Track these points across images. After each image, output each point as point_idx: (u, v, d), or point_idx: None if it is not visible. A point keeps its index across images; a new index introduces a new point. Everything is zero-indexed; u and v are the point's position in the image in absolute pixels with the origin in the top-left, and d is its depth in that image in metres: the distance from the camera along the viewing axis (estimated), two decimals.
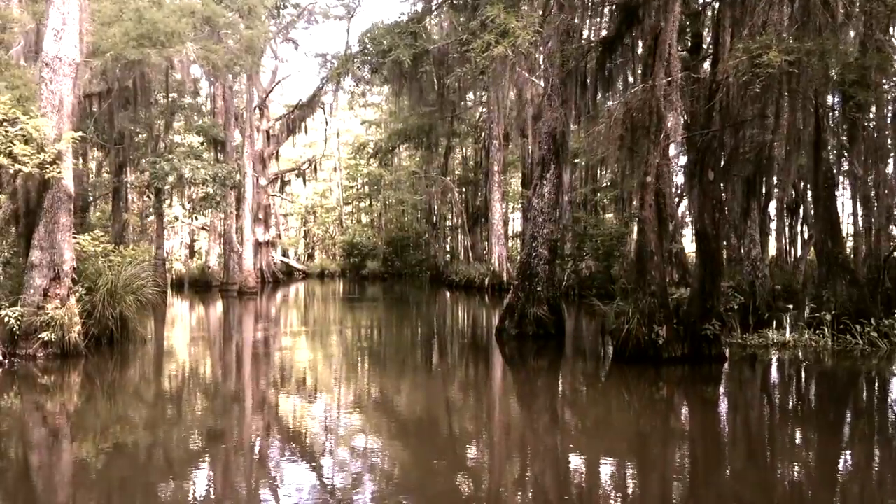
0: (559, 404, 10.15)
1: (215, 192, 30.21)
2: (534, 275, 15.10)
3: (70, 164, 11.63)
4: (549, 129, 15.35)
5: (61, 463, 7.12)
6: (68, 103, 11.47)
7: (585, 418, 9.27)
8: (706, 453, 7.56)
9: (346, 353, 14.58)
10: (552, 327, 14.92)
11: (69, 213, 11.55)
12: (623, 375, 11.38)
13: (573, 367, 12.81)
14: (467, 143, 54.34)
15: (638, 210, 11.46)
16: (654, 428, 8.81)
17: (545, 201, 15.32)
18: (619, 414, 9.51)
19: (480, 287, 34.99)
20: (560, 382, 11.63)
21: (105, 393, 10.24)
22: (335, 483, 6.36)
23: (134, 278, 13.58)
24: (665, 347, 11.32)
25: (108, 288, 12.83)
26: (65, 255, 11.48)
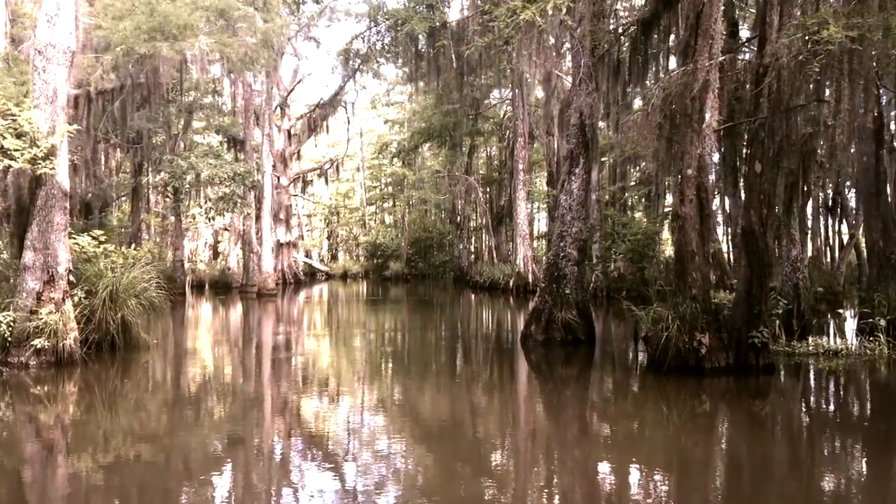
0: (590, 417, 9.18)
1: (234, 192, 29.60)
2: (562, 276, 14.13)
3: (65, 159, 10.90)
4: (578, 120, 14.36)
5: (55, 478, 6.52)
6: (63, 94, 10.74)
7: (618, 433, 8.31)
8: (755, 478, 6.56)
9: (362, 362, 13.71)
10: (581, 333, 13.93)
11: (64, 211, 10.82)
12: (661, 387, 10.38)
13: (605, 377, 11.82)
14: (491, 142, 53.41)
15: (677, 206, 10.45)
16: (695, 446, 7.86)
17: (573, 198, 14.34)
18: (656, 430, 8.53)
19: (505, 288, 34.04)
20: (591, 393, 10.66)
21: (99, 405, 9.47)
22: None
23: (137, 280, 12.83)
24: (708, 357, 10.30)
25: (108, 291, 12.09)
26: (59, 256, 10.75)
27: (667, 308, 10.57)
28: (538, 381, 11.78)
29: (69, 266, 10.97)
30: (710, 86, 9.10)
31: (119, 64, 19.65)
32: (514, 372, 12.62)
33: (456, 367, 12.98)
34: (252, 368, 12.71)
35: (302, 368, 12.69)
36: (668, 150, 10.31)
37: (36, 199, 10.58)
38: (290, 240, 44.40)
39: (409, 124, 56.38)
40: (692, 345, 10.21)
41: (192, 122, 31.46)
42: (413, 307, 28.00)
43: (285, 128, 44.49)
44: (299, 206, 61.25)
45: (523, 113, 35.33)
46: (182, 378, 11.62)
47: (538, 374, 12.35)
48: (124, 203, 37.17)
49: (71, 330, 10.88)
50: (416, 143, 48.11)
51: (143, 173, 31.60)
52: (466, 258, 49.46)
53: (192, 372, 12.31)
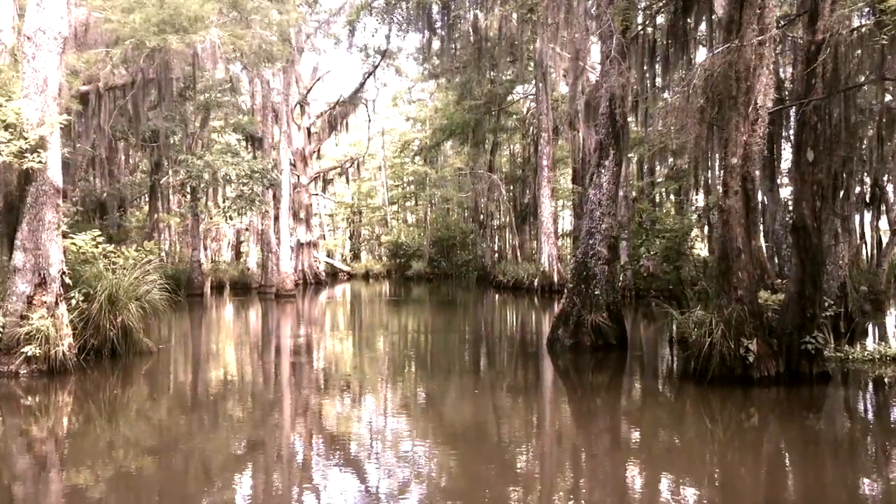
0: (624, 430, 8.25)
1: (252, 190, 28.96)
2: (591, 276, 13.17)
3: (57, 152, 10.18)
4: (608, 109, 13.39)
5: (48, 495, 5.92)
6: (54, 83, 10.01)
7: (656, 449, 7.39)
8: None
9: (379, 369, 12.86)
10: (613, 337, 12.95)
11: (56, 208, 10.10)
12: (703, 398, 9.40)
13: (640, 385, 10.86)
14: (515, 139, 52.44)
15: (721, 198, 9.46)
16: (742, 464, 6.98)
17: (603, 192, 13.37)
18: (698, 445, 7.61)
19: (529, 288, 33.11)
20: (625, 403, 9.71)
21: (91, 417, 8.73)
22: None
23: (139, 282, 12.10)
24: (756, 365, 9.30)
25: (107, 293, 11.37)
26: (51, 257, 10.03)
27: (709, 311, 9.58)
28: (567, 389, 10.85)
29: (62, 267, 10.26)
30: (763, 60, 8.10)
31: (129, 58, 19.03)
32: (540, 379, 11.70)
33: (480, 372, 12.09)
34: (259, 376, 11.91)
35: (313, 376, 11.88)
36: (709, 137, 9.30)
37: (26, 195, 9.87)
38: (310, 239, 43.78)
39: (430, 122, 55.58)
40: (738, 352, 9.22)
41: (209, 121, 30.82)
42: (435, 308, 27.15)
43: (305, 126, 43.89)
44: (321, 206, 60.69)
45: (547, 107, 34.35)
46: (183, 387, 10.87)
47: (566, 381, 11.42)
48: (144, 203, 36.82)
49: (65, 336, 10.16)
50: (437, 140, 47.26)
51: (160, 172, 31.10)
52: (489, 257, 48.51)
53: (195, 380, 11.55)
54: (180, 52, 18.95)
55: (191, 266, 30.93)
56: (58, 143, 10.13)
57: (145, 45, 18.74)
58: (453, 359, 13.80)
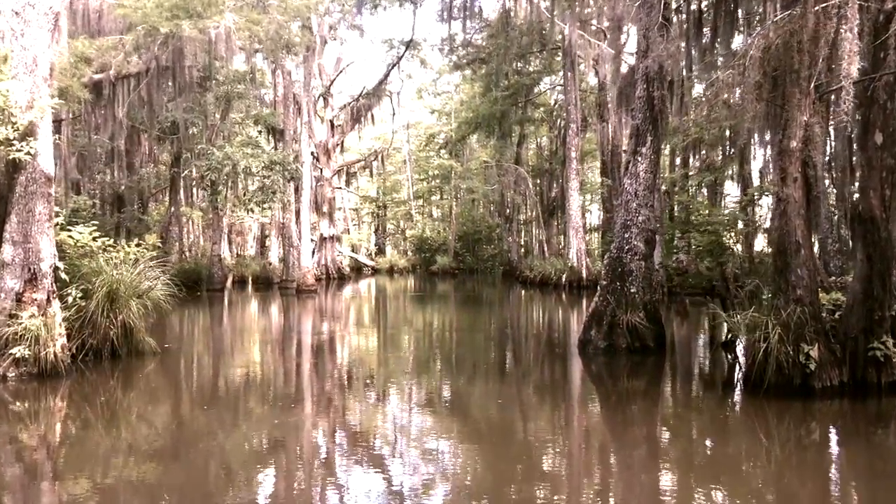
0: (665, 443, 7.28)
1: (273, 183, 28.27)
2: (626, 273, 12.17)
3: (49, 140, 9.41)
4: (645, 92, 12.36)
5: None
6: (45, 63, 9.25)
7: (702, 465, 6.47)
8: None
9: (400, 372, 11.98)
10: (650, 339, 11.94)
11: (48, 199, 9.34)
12: (757, 410, 8.39)
13: (682, 394, 9.86)
14: (541, 132, 51.34)
15: (778, 187, 8.42)
16: (803, 486, 6.08)
17: (640, 182, 12.35)
18: (750, 463, 6.65)
19: (557, 284, 32.06)
20: (665, 413, 8.72)
21: (82, 425, 7.97)
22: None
23: (141, 278, 11.35)
24: (817, 374, 8.26)
25: (106, 290, 10.63)
26: (42, 251, 9.29)
27: (763, 312, 8.55)
28: (600, 396, 9.87)
29: (55, 262, 9.51)
30: (847, 22, 7.00)
31: (140, 44, 18.34)
32: (571, 383, 10.74)
33: (506, 376, 11.16)
34: (267, 379, 11.09)
35: (327, 379, 11.04)
36: (767, 117, 8.25)
37: (14, 185, 9.13)
38: (333, 234, 43.10)
39: (456, 115, 54.64)
40: (798, 358, 8.19)
41: (229, 112, 30.16)
42: (460, 304, 26.26)
43: (328, 118, 43.17)
44: (345, 200, 60.03)
45: (575, 97, 33.24)
46: (184, 391, 10.08)
47: (600, 387, 10.44)
48: (166, 197, 36.37)
49: (58, 336, 9.42)
50: (463, 133, 46.26)
51: (180, 165, 30.53)
52: (516, 252, 47.50)
53: (197, 383, 10.77)
54: (194, 39, 18.21)
55: (211, 261, 30.37)
56: (49, 128, 9.38)
57: (158, 32, 18.04)
58: (478, 360, 12.88)
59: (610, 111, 37.28)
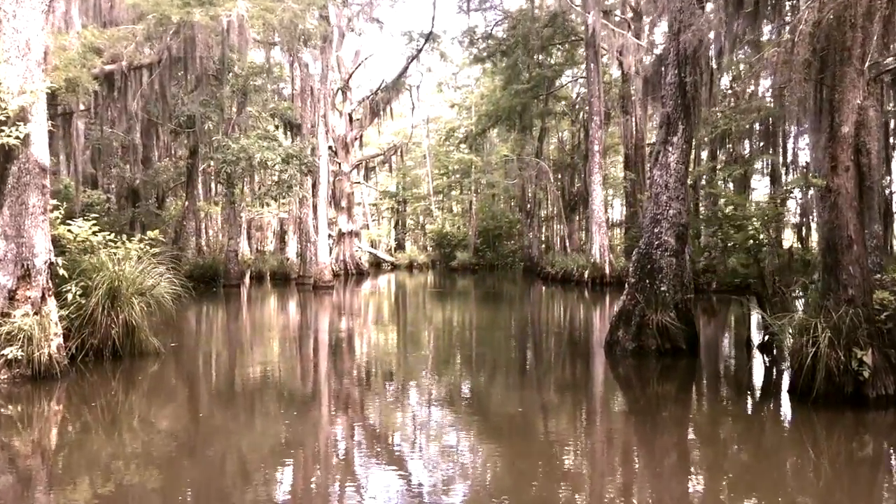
0: (701, 456, 6.57)
1: (290, 177, 27.78)
2: (656, 270, 11.45)
3: (43, 127, 8.89)
4: (676, 78, 11.62)
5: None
6: (38, 46, 8.73)
7: (744, 482, 5.74)
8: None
9: (414, 375, 11.38)
10: (682, 340, 11.21)
11: (42, 191, 8.82)
12: (804, 420, 7.67)
13: (719, 401, 9.13)
14: (563, 126, 50.54)
15: (828, 177, 7.66)
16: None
17: (670, 173, 11.62)
18: (796, 479, 6.01)
19: (579, 281, 31.32)
20: (701, 422, 8.01)
21: (76, 431, 7.45)
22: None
23: (145, 274, 10.82)
24: (871, 382, 7.52)
25: (107, 287, 10.11)
26: (37, 246, 8.77)
27: (812, 314, 7.80)
28: (630, 403, 9.16)
29: (50, 258, 8.99)
30: None
31: (152, 34, 17.86)
32: (598, 389, 10.05)
33: (528, 381, 10.51)
34: (277, 381, 10.50)
35: (340, 381, 10.46)
36: (816, 99, 7.49)
37: (7, 176, 8.62)
38: (352, 229, 42.59)
39: (476, 108, 53.94)
40: (850, 365, 7.45)
41: (246, 105, 29.70)
42: (480, 301, 25.60)
43: (347, 112, 42.63)
44: (364, 195, 59.56)
45: (598, 90, 32.39)
46: (185, 395, 9.52)
47: (629, 393, 9.73)
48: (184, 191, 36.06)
49: (53, 336, 8.90)
50: (483, 127, 45.54)
51: (196, 159, 30.12)
52: (537, 248, 46.74)
53: (199, 386, 10.21)
54: (206, 27, 17.71)
55: (227, 256, 29.96)
56: (43, 115, 8.85)
57: (169, 20, 17.57)
58: (499, 360, 12.23)
59: (634, 103, 36.40)
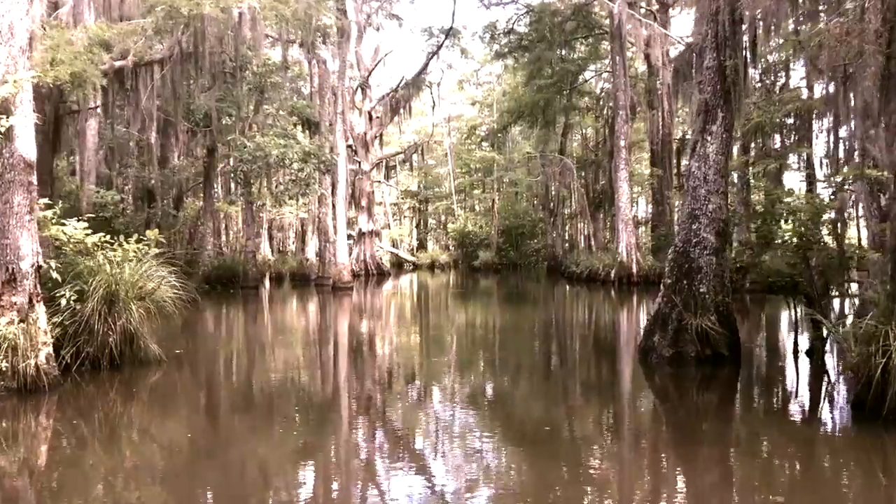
0: (755, 482, 5.67)
1: (307, 176, 27.16)
2: (694, 270, 10.54)
3: (29, 120, 8.21)
4: (716, 62, 10.71)
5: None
6: (22, 32, 8.06)
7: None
8: None
9: (435, 387, 10.60)
10: (724, 346, 10.29)
11: (28, 188, 8.15)
12: (874, 442, 6.74)
13: (769, 416, 8.20)
14: (586, 123, 49.46)
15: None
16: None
17: (709, 165, 10.71)
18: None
19: (605, 280, 30.37)
20: (753, 441, 7.10)
21: (61, 448, 6.77)
22: None
23: (145, 277, 10.15)
24: None
25: (104, 291, 9.45)
26: (22, 248, 8.11)
27: (880, 318, 6.88)
28: (669, 417, 8.28)
29: (38, 260, 8.32)
30: None
31: (161, 27, 17.25)
32: (633, 402, 9.18)
33: (556, 393, 9.69)
34: (285, 394, 9.77)
35: (353, 395, 9.71)
36: (888, 76, 6.56)
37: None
38: (372, 228, 41.93)
39: (498, 106, 53.05)
40: None
41: (263, 104, 29.08)
42: (503, 301, 24.78)
43: (366, 110, 41.98)
44: (385, 195, 58.92)
45: (624, 83, 31.39)
46: (185, 409, 8.80)
47: (668, 406, 8.85)
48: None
49: (41, 345, 8.23)
50: (505, 123, 44.59)
51: (213, 158, 29.59)
52: (560, 246, 45.81)
53: (198, 399, 9.48)
54: (216, 19, 17.07)
55: (244, 257, 29.41)
56: (29, 106, 8.18)
57: (179, 13, 16.96)
58: (524, 369, 11.40)
59: (661, 97, 35.33)
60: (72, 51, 15.45)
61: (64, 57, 15.25)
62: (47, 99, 17.61)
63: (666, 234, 34.46)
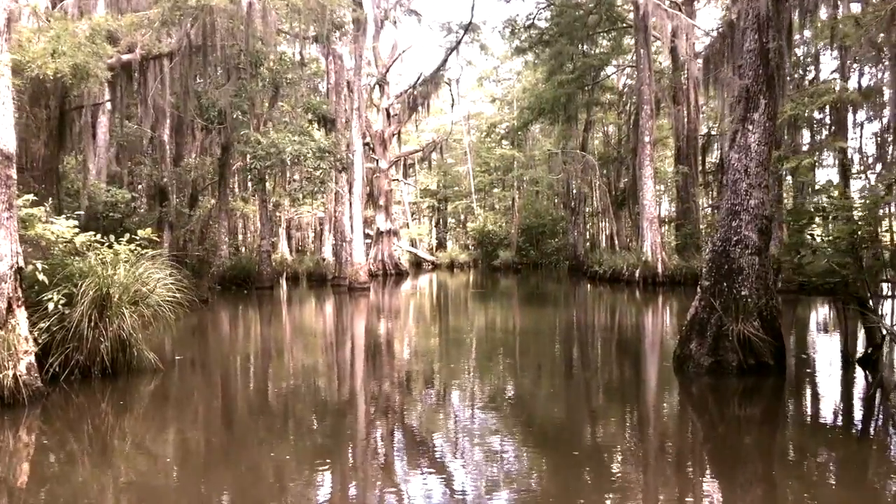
0: None
1: (322, 173, 26.47)
2: (735, 271, 9.65)
3: (8, 108, 7.51)
4: (757, 43, 9.82)
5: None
6: (0, 14, 7.38)
7: None
8: None
9: (436, 406, 9.81)
10: (769, 355, 9.39)
11: (6, 184, 7.46)
12: None
13: (825, 436, 7.28)
14: (608, 120, 48.44)
15: None
16: None
17: (751, 157, 9.81)
18: None
19: (629, 280, 29.44)
20: (807, 463, 6.24)
21: (38, 470, 6.06)
22: None
23: (139, 280, 9.45)
24: None
25: (95, 295, 8.76)
26: (1, 248, 7.42)
27: None
28: (713, 439, 7.42)
29: (17, 262, 7.63)
30: None
31: (168, 19, 16.61)
32: (671, 418, 8.31)
33: (584, 407, 8.85)
34: (286, 408, 9.03)
35: (363, 413, 8.94)
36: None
37: None
38: (390, 227, 41.24)
39: (518, 103, 52.16)
40: None
41: (278, 100, 28.45)
42: (524, 302, 23.93)
43: (384, 107, 41.30)
44: (403, 194, 58.24)
45: (649, 77, 30.37)
46: (182, 423, 8.07)
47: (709, 424, 7.97)
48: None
49: (21, 354, 7.55)
50: (526, 120, 43.64)
51: (228, 156, 29.04)
52: (582, 246, 44.79)
53: (194, 412, 8.74)
54: (225, 11, 16.41)
55: (259, 257, 28.81)
56: (7, 94, 7.49)
57: (187, 4, 16.33)
58: (548, 379, 10.56)
59: (687, 91, 34.30)
60: (73, 42, 14.85)
61: (65, 48, 14.66)
62: (52, 94, 17.07)
63: (692, 233, 33.39)
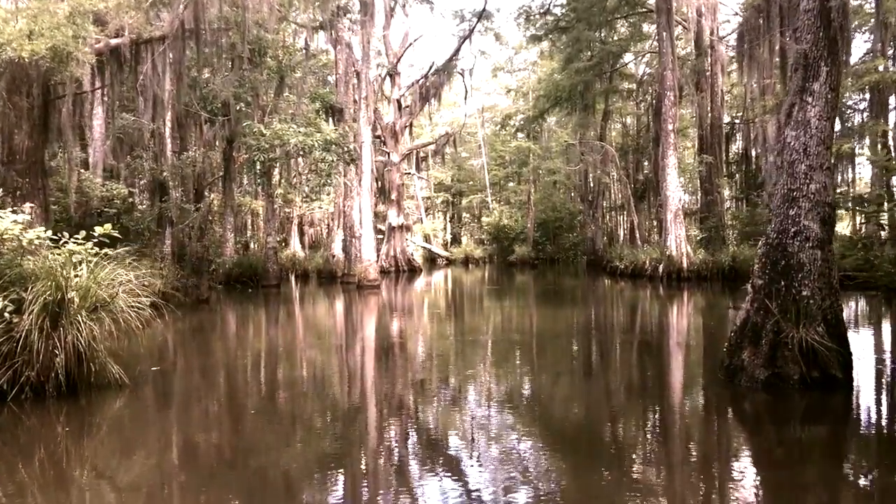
0: None
1: (329, 166, 25.22)
2: (794, 267, 8.26)
3: None
4: (817, 4, 8.43)
5: None
6: None
7: None
8: None
9: (441, 422, 8.49)
10: (836, 366, 7.99)
11: None
12: None
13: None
14: (626, 110, 46.90)
15: None
16: None
17: (811, 134, 8.42)
18: None
19: (652, 276, 28.06)
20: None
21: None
22: None
23: (100, 284, 8.19)
24: None
25: (46, 301, 7.52)
26: None
27: None
28: (769, 462, 6.05)
29: None
30: None
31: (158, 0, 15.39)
32: (723, 441, 6.95)
33: (621, 429, 7.50)
34: (272, 435, 7.75)
35: (357, 432, 7.66)
36: None
37: None
38: (402, 223, 39.95)
39: (533, 93, 50.68)
40: None
41: (283, 91, 27.21)
42: (541, 300, 22.56)
43: (395, 98, 40.00)
44: (416, 188, 56.93)
45: (672, 61, 28.82)
46: (143, 448, 6.81)
47: (767, 446, 6.61)
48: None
49: None
50: (541, 109, 42.17)
51: (232, 149, 27.85)
52: (600, 240, 43.35)
53: (167, 433, 7.48)
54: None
55: (265, 255, 27.63)
56: None
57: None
58: (576, 392, 9.21)
59: (714, 75, 32.78)
60: (52, 22, 13.67)
61: (42, 29, 13.48)
62: (35, 81, 15.90)
63: (716, 226, 31.85)
